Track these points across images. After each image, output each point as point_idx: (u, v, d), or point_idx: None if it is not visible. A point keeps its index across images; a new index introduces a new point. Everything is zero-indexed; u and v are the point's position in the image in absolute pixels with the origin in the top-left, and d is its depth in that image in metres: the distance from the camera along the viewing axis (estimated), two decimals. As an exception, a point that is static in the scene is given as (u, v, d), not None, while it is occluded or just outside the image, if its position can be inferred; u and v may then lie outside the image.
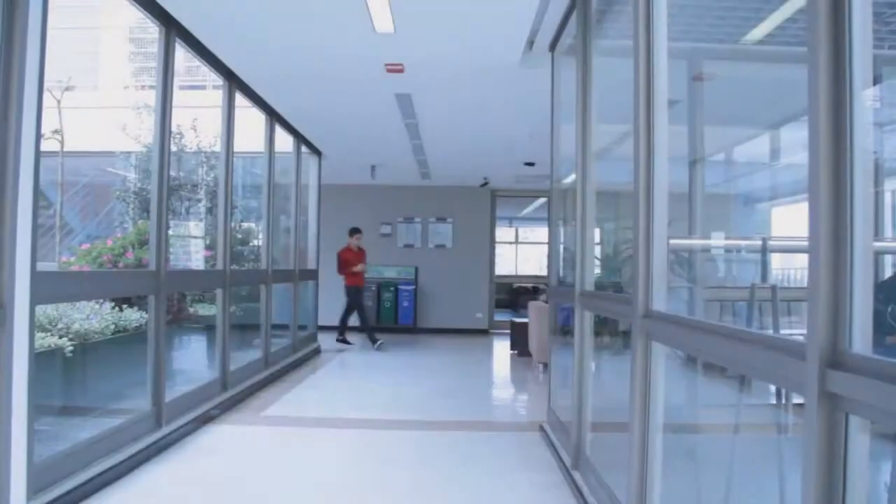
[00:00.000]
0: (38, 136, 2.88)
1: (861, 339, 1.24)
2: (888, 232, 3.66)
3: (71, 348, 4.19)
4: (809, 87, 1.33)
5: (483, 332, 11.84)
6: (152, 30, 4.33)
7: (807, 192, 1.32)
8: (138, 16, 4.22)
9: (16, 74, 2.67)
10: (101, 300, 4.89)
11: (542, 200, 12.95)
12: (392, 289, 11.70)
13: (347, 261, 9.53)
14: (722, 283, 4.38)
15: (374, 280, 11.41)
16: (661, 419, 2.49)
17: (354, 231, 9.67)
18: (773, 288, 2.54)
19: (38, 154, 2.85)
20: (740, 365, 1.74)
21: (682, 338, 2.17)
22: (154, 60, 4.40)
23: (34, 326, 2.92)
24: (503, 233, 16.08)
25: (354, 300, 9.69)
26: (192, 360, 6.28)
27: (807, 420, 1.29)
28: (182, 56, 4.74)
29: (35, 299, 2.87)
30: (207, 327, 6.17)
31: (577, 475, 3.66)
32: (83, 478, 3.34)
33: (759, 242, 3.00)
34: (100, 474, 3.47)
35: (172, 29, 4.39)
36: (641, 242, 2.51)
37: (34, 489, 2.91)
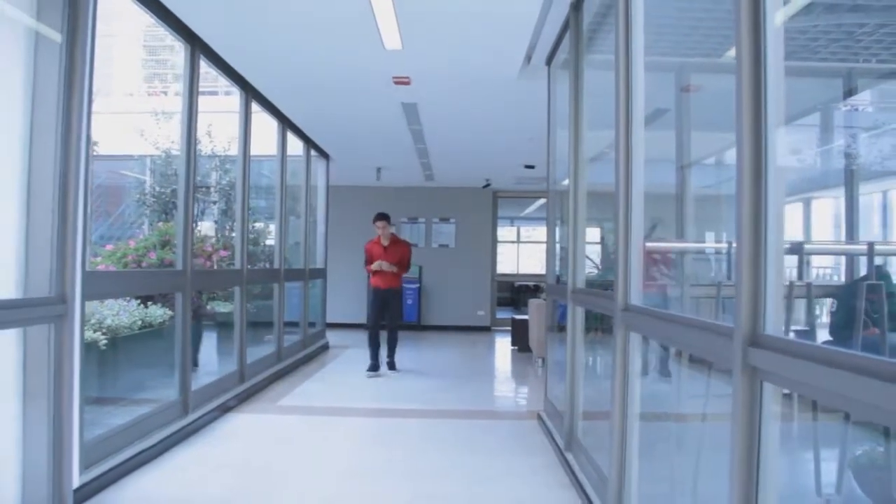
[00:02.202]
0: (89, 147, 3.23)
1: (773, 324, 1.58)
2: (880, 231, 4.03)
3: (105, 342, 4.54)
4: (736, 123, 1.67)
5: (485, 329, 12.17)
6: (161, 35, 4.65)
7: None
8: (150, 22, 4.51)
9: (77, 91, 3.01)
10: (128, 297, 5.24)
11: (543, 201, 13.25)
12: (396, 287, 12.00)
13: (368, 255, 7.51)
14: (712, 282, 4.69)
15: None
16: (638, 402, 2.82)
17: (377, 218, 7.43)
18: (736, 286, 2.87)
19: (88, 163, 3.20)
20: (686, 345, 2.08)
21: (649, 327, 2.51)
22: (166, 67, 4.75)
23: (84, 320, 3.28)
24: (505, 232, 16.41)
25: (370, 305, 7.64)
26: (212, 354, 6.63)
27: (733, 387, 1.63)
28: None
29: (85, 295, 3.23)
30: (224, 323, 6.51)
31: (569, 456, 4.00)
32: (122, 458, 3.71)
33: (726, 245, 3.34)
34: (136, 455, 3.84)
35: (197, 46, 4.75)
36: (620, 244, 2.84)
37: (84, 465, 3.28)
